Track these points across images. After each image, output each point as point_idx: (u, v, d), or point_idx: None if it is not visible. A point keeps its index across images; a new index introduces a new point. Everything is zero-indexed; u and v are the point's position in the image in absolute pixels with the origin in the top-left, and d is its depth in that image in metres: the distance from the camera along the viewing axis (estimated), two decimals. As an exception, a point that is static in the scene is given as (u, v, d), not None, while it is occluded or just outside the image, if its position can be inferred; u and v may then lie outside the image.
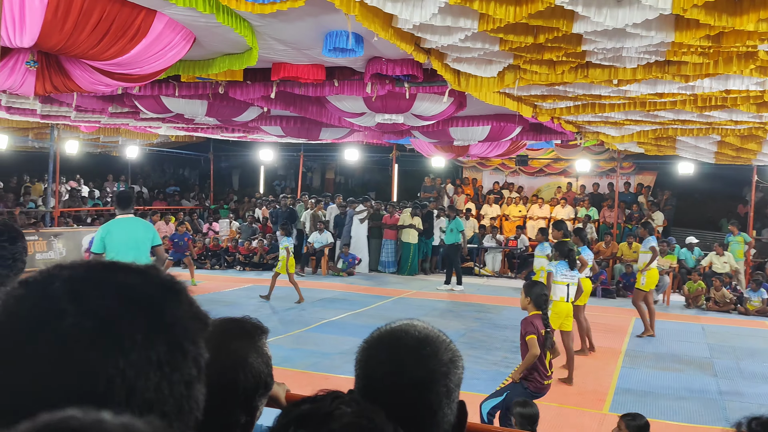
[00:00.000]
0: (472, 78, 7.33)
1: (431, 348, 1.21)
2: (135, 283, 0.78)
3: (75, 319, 0.71)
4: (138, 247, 6.35)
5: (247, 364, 1.40)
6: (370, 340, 1.27)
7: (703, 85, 7.24)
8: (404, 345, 1.21)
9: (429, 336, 1.23)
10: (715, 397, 7.59)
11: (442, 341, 1.24)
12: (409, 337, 1.23)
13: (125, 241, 6.33)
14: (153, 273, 0.81)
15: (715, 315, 13.10)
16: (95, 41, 5.57)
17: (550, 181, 20.82)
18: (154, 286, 0.79)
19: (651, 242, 10.64)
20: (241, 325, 1.48)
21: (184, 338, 0.77)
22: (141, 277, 0.79)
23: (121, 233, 6.37)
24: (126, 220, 6.50)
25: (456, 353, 1.25)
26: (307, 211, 17.64)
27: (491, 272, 17.53)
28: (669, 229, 18.16)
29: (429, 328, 1.26)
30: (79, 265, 0.79)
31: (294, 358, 8.43)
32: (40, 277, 0.77)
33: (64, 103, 10.96)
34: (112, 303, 0.74)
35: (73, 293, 0.74)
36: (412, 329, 1.25)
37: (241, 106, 10.57)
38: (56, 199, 17.98)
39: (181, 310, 0.79)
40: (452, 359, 1.22)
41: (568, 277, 7.73)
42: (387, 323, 1.30)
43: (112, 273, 0.78)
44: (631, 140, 12.00)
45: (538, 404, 6.31)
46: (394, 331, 1.26)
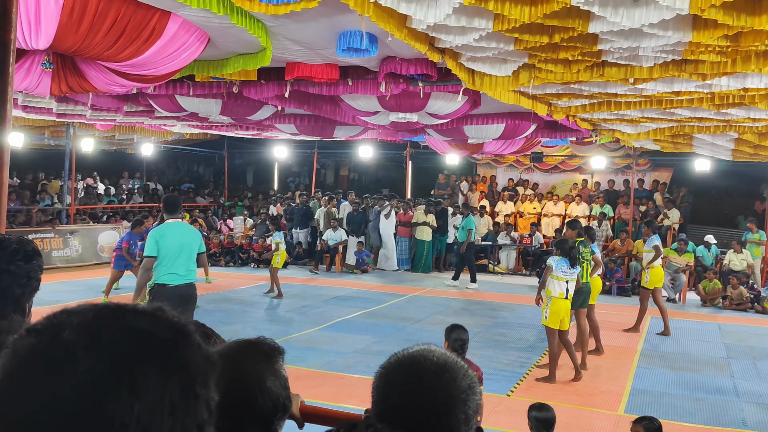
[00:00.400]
0: (487, 77, 7.30)
1: (450, 374, 1.20)
2: (146, 327, 0.78)
3: (88, 364, 0.72)
4: (188, 252, 6.44)
5: (264, 388, 1.39)
6: (388, 366, 1.26)
7: (720, 84, 7.16)
8: (424, 370, 1.21)
9: (448, 362, 1.23)
10: (732, 399, 7.52)
11: (461, 368, 1.24)
12: (428, 362, 1.22)
13: (177, 245, 6.39)
14: (163, 315, 0.81)
15: (732, 314, 12.98)
16: (110, 43, 5.59)
17: (565, 178, 20.71)
18: (166, 329, 0.79)
19: (655, 241, 10.66)
20: (257, 347, 1.47)
21: (196, 381, 0.77)
22: (152, 320, 0.79)
23: (174, 237, 6.41)
24: (177, 224, 6.56)
25: (474, 380, 1.24)
26: (321, 208, 17.65)
27: (505, 270, 17.48)
28: (685, 227, 18.02)
29: (447, 354, 1.26)
30: (88, 311, 0.78)
31: (308, 358, 8.44)
32: (50, 324, 0.77)
33: (80, 102, 11.03)
34: (126, 347, 0.74)
35: (86, 339, 0.74)
36: (431, 355, 1.24)
37: (255, 104, 10.59)
38: (72, 196, 18.11)
39: (193, 353, 0.79)
40: (470, 386, 1.22)
41: (568, 274, 7.70)
42: (404, 348, 1.30)
43: (122, 317, 0.78)
44: (647, 138, 11.90)
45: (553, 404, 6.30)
46: (413, 356, 1.25)
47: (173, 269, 6.37)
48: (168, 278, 6.36)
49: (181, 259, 6.39)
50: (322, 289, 13.84)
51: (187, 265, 6.44)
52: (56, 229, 16.17)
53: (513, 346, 9.45)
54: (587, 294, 8.56)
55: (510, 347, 9.40)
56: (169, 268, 6.36)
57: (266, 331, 9.81)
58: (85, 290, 12.83)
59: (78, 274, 14.92)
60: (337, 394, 7.06)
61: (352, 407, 6.48)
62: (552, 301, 7.70)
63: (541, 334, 10.19)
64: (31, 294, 1.55)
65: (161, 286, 6.38)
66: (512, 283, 15.78)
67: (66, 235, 16.12)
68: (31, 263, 1.53)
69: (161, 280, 6.39)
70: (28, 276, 1.51)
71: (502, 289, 14.79)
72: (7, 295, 1.48)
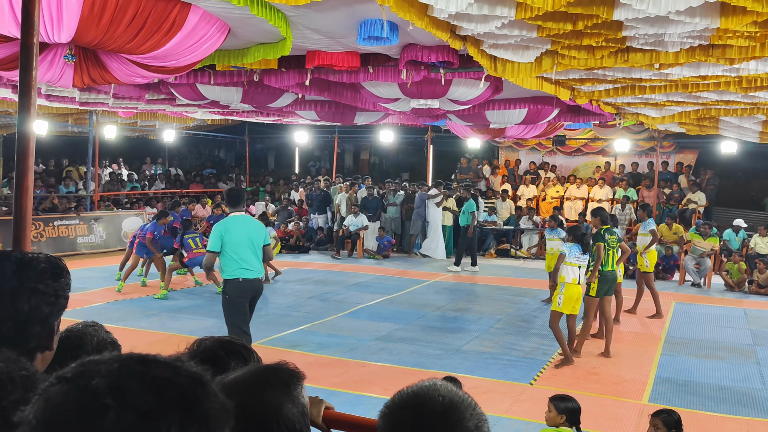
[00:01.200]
0: (509, 63, 7.20)
1: (457, 415, 1.17)
2: (169, 376, 0.83)
3: (117, 414, 0.77)
4: (253, 245, 6.39)
5: (281, 415, 1.38)
6: (392, 406, 1.21)
7: (749, 68, 7.02)
8: (429, 412, 1.16)
9: (454, 402, 1.19)
10: (758, 387, 7.44)
11: (467, 406, 1.20)
12: (434, 403, 1.17)
13: (242, 239, 6.35)
14: (183, 366, 0.86)
15: (758, 299, 12.81)
16: (131, 36, 5.60)
17: (588, 161, 20.50)
18: (186, 379, 0.84)
19: (650, 225, 10.76)
20: (276, 373, 1.45)
21: (215, 429, 0.83)
22: (173, 370, 0.85)
23: (239, 231, 6.36)
24: (241, 217, 6.51)
25: (481, 418, 1.21)
26: (341, 194, 17.66)
27: (528, 254, 17.39)
28: (710, 209, 17.77)
29: (453, 392, 1.22)
30: (114, 360, 0.84)
31: (331, 345, 8.48)
32: (79, 372, 0.82)
33: (102, 90, 11.10)
34: (151, 397, 0.79)
35: (114, 389, 0.79)
36: (436, 394, 1.19)
37: (275, 92, 10.59)
38: (96, 182, 18.29)
39: (212, 402, 0.84)
40: (477, 425, 1.18)
41: (581, 260, 7.70)
42: (408, 386, 1.25)
43: (146, 367, 0.83)
44: (672, 121, 11.71)
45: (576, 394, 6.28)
46: (418, 395, 1.20)
47: (244, 263, 6.33)
48: (241, 272, 6.33)
49: (249, 253, 6.36)
50: (344, 275, 13.88)
51: (256, 258, 6.42)
52: (81, 215, 16.36)
53: (536, 333, 9.42)
54: (612, 281, 8.50)
55: (532, 334, 9.37)
56: (240, 263, 6.32)
57: (289, 319, 9.88)
58: (110, 276, 12.99)
59: (103, 260, 15.11)
60: (360, 382, 7.09)
61: (375, 395, 6.53)
62: (566, 287, 7.70)
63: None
64: (59, 312, 1.56)
65: (233, 281, 6.34)
66: (534, 268, 15.69)
67: (90, 221, 16.31)
68: (59, 281, 1.53)
69: (233, 275, 6.34)
70: (56, 294, 1.52)
71: (525, 274, 14.73)
72: (36, 314, 1.49)
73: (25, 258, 1.52)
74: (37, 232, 14.90)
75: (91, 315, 9.01)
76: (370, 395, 6.57)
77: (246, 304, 6.44)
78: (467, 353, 8.33)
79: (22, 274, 1.48)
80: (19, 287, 1.47)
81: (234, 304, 6.39)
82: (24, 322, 1.47)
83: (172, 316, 9.88)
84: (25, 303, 1.47)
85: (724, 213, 18.48)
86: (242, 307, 6.39)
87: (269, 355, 1.62)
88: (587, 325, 8.48)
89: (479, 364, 7.88)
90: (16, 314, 1.46)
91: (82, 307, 9.97)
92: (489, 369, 7.69)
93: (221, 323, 6.80)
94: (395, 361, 7.93)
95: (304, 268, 14.78)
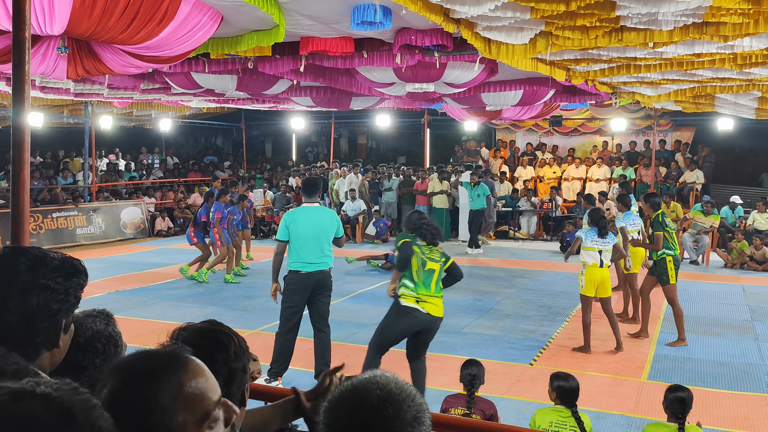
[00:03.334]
0: (503, 45, 7.20)
1: (393, 408, 1.17)
2: (34, 415, 0.84)
3: None
4: (321, 237, 6.36)
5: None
6: (332, 400, 1.22)
7: (743, 44, 7.01)
8: (365, 406, 1.17)
9: (392, 394, 1.19)
10: (756, 362, 7.50)
11: (406, 397, 1.19)
12: (370, 396, 1.18)
13: (309, 231, 6.33)
14: (53, 398, 0.87)
15: (756, 275, 12.87)
16: (124, 26, 5.59)
17: (585, 141, 20.50)
18: (54, 416, 0.85)
19: (621, 222, 9.05)
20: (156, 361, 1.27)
21: None
22: (39, 405, 0.86)
23: (306, 222, 6.35)
24: (311, 209, 6.48)
25: (421, 408, 1.20)
26: (339, 179, 17.65)
27: (526, 235, 17.44)
28: (708, 187, 17.81)
29: (391, 383, 1.21)
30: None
31: (332, 330, 8.51)
32: None
33: (97, 81, 11.07)
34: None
35: None
36: (374, 387, 1.20)
37: (270, 79, 10.56)
38: (93, 173, 18.28)
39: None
40: (416, 417, 1.18)
41: (599, 243, 7.68)
42: (350, 379, 1.26)
43: (12, 404, 0.85)
44: (668, 99, 11.70)
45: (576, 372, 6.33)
46: (356, 389, 1.21)
47: (305, 256, 6.32)
48: (299, 265, 6.34)
49: (314, 246, 6.33)
50: (343, 261, 13.91)
51: (320, 251, 6.37)
52: (79, 206, 16.38)
53: (535, 314, 9.47)
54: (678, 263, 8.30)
55: (532, 315, 9.43)
56: (301, 255, 6.32)
57: (289, 305, 9.90)
58: (110, 267, 13.03)
59: (102, 251, 15.15)
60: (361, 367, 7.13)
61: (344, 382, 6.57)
62: (587, 269, 7.71)
63: (562, 302, 10.23)
64: (69, 310, 1.59)
65: (294, 273, 6.38)
66: (533, 249, 15.75)
67: (89, 212, 16.33)
68: (70, 280, 1.56)
69: (293, 266, 6.38)
70: (67, 293, 1.55)
71: (524, 255, 14.77)
72: (45, 310, 1.52)
73: (40, 255, 1.55)
74: (36, 224, 14.91)
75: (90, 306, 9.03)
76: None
77: (302, 296, 6.42)
78: (467, 335, 8.39)
79: (35, 270, 1.52)
80: (31, 282, 1.50)
81: (289, 293, 6.42)
82: (32, 317, 1.50)
83: (173, 305, 9.92)
84: (34, 298, 1.50)
85: (722, 190, 18.51)
86: (296, 297, 6.40)
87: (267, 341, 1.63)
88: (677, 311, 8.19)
89: (479, 345, 7.94)
90: (24, 308, 1.49)
91: (83, 298, 9.98)
92: (489, 350, 7.74)
93: (222, 311, 6.86)
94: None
95: (303, 254, 14.80)
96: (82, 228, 16.06)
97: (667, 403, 4.21)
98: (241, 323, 8.64)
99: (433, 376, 6.45)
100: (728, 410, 6.12)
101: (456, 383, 4.49)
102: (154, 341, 1.81)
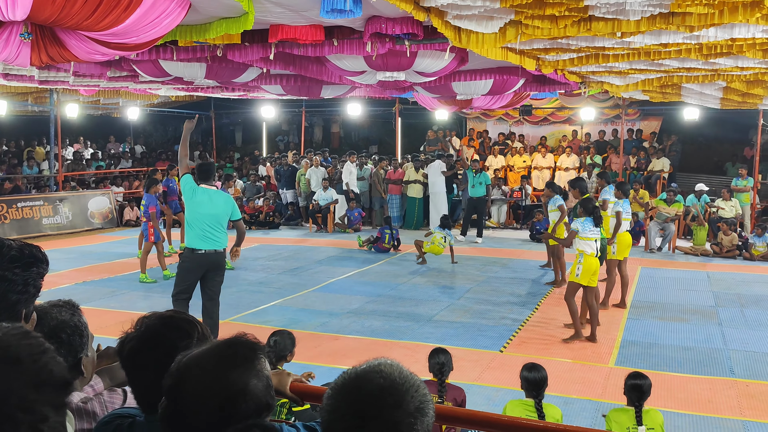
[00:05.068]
0: (473, 34, 7.20)
1: (394, 398, 1.14)
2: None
3: None
4: (215, 218, 6.70)
5: (248, 392, 1.37)
6: (334, 387, 1.20)
7: (708, 34, 7.10)
8: (366, 395, 1.15)
9: (395, 383, 1.16)
10: (719, 347, 7.67)
11: (409, 387, 1.17)
12: (372, 385, 1.16)
13: (205, 211, 6.67)
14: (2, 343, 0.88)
15: (721, 261, 13.13)
16: (89, 12, 5.48)
17: (555, 130, 20.67)
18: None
19: (559, 201, 10.38)
20: (237, 350, 1.43)
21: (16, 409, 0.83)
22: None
23: (203, 203, 6.68)
24: (208, 191, 6.78)
25: (424, 399, 1.18)
26: (310, 168, 17.57)
27: (496, 224, 17.56)
28: (674, 175, 18.11)
29: (395, 372, 1.19)
30: None
31: (303, 320, 8.53)
32: None
33: (62, 68, 10.85)
34: None
35: None
36: (377, 376, 1.18)
37: (240, 67, 10.46)
38: (59, 162, 17.97)
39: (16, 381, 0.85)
40: (419, 407, 1.16)
41: (594, 233, 7.76)
42: (354, 366, 1.23)
43: None
44: (636, 88, 11.83)
45: (545, 359, 6.41)
46: (358, 377, 1.19)
47: (200, 235, 6.64)
48: (195, 243, 6.66)
49: (208, 226, 6.66)
50: (314, 250, 13.90)
51: (214, 232, 6.67)
52: (45, 196, 16.09)
53: (505, 302, 9.56)
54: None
55: (502, 303, 9.51)
56: (197, 234, 6.64)
57: (261, 294, 9.88)
58: (77, 257, 12.85)
59: (69, 242, 14.92)
60: (333, 356, 7.16)
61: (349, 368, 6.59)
62: (585, 258, 7.72)
63: (532, 289, 10.34)
64: (29, 301, 1.56)
65: (190, 251, 6.73)
66: (504, 237, 15.88)
67: (55, 202, 16.06)
68: (29, 270, 1.54)
69: (189, 244, 6.73)
70: (26, 283, 1.53)
71: (494, 244, 14.89)
72: (2, 301, 1.49)
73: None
74: (0, 214, 14.63)
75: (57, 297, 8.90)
76: (344, 367, 6.62)
77: (195, 275, 6.77)
78: (438, 323, 8.44)
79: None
80: None
81: (183, 271, 6.83)
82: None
83: (142, 296, 9.83)
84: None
85: (688, 178, 18.81)
86: (189, 275, 6.77)
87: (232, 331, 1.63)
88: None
89: (450, 333, 7.99)
90: None
91: (49, 289, 9.85)
92: (460, 338, 7.81)
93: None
94: (367, 333, 8.01)
95: (274, 243, 14.76)
96: (48, 218, 15.79)
97: (626, 389, 4.33)
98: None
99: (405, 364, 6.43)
100: (692, 394, 6.26)
101: (427, 371, 4.52)
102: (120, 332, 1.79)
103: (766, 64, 8.97)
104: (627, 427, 4.16)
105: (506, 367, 6.77)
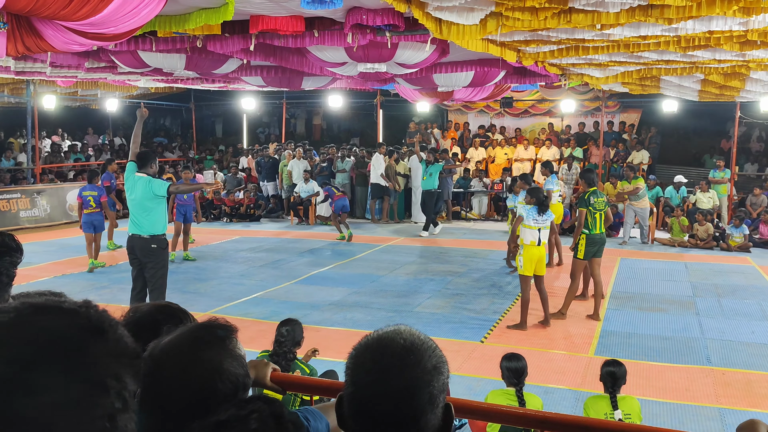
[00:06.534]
0: (454, 26, 7.21)
1: (415, 356, 1.23)
2: (56, 326, 0.83)
3: None
4: (138, 204, 6.94)
5: (223, 371, 1.39)
6: (358, 348, 1.29)
7: (686, 27, 7.17)
8: (389, 353, 1.24)
9: (414, 344, 1.26)
10: (697, 336, 7.77)
11: (427, 348, 1.27)
12: (394, 345, 1.25)
13: (130, 199, 7.02)
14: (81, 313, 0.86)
15: (698, 252, 13.29)
16: (65, 2, 5.41)
17: (536, 122, 20.76)
18: (77, 328, 0.84)
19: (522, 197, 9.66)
20: (209, 330, 1.46)
21: (106, 375, 0.83)
22: (66, 318, 0.84)
23: (129, 190, 7.04)
24: (137, 178, 6.98)
25: (441, 359, 1.27)
26: (293, 160, 17.51)
27: (478, 216, 17.63)
28: (653, 167, 18.29)
29: (415, 335, 1.29)
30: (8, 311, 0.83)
31: (284, 312, 8.49)
32: None
33: (39, 59, 10.71)
34: (28, 349, 0.80)
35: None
36: (398, 337, 1.27)
37: (220, 58, 10.38)
38: (37, 155, 17.75)
39: (103, 350, 0.85)
40: (436, 366, 1.25)
41: (539, 221, 7.80)
42: (376, 330, 1.32)
43: (36, 317, 0.83)
44: (615, 81, 11.93)
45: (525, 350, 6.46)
46: (381, 338, 1.28)
47: (130, 220, 7.04)
48: (129, 227, 7.06)
49: (134, 211, 6.99)
50: (296, 242, 13.87)
51: (137, 217, 6.97)
52: (23, 189, 15.89)
53: (486, 293, 9.61)
54: (601, 244, 8.54)
55: (483, 294, 9.56)
56: (131, 219, 7.04)
57: (242, 287, 9.86)
58: (56, 250, 12.72)
59: (47, 235, 14.76)
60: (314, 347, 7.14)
61: (330, 359, 6.60)
62: (524, 248, 7.82)
63: (513, 280, 10.40)
64: (2, 290, 1.55)
65: (129, 236, 7.08)
66: (485, 229, 15.94)
67: (33, 195, 15.86)
68: (2, 259, 1.53)
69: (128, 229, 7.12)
70: None
71: (475, 236, 14.95)
72: None
73: None
74: (-23, 207, 14.44)
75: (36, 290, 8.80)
76: (324, 359, 6.63)
77: (132, 260, 7.11)
78: (420, 314, 8.47)
79: None
80: None
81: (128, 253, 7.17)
82: None
83: (123, 289, 9.74)
84: None
85: (667, 170, 19.01)
86: (130, 256, 7.11)
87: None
88: (573, 287, 8.58)
89: (431, 324, 8.03)
90: None
91: (27, 282, 9.74)
92: (441, 329, 7.84)
93: (174, 294, 6.81)
94: (349, 325, 8.02)
95: (255, 236, 14.72)
96: (25, 210, 15.61)
97: (601, 376, 4.40)
98: (193, 306, 8.55)
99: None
100: (670, 382, 6.35)
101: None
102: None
103: (742, 56, 9.08)
104: (604, 413, 4.23)
105: (486, 357, 6.82)
